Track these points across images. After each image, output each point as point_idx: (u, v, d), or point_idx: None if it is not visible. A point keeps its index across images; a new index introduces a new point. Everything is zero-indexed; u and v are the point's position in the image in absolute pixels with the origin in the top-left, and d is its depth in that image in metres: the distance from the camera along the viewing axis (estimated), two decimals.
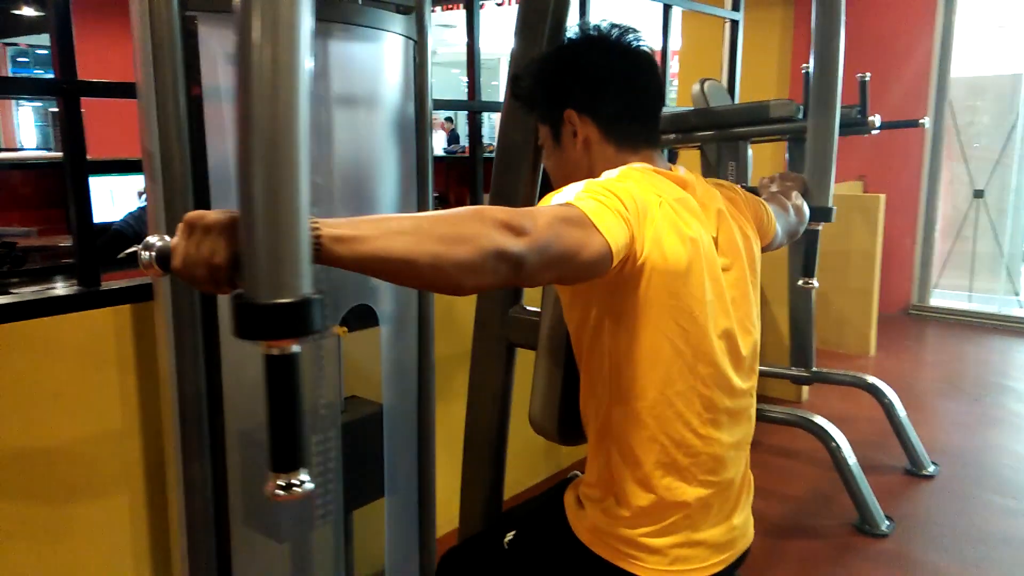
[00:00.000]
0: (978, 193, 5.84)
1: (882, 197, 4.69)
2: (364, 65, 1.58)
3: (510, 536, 1.28)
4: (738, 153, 2.93)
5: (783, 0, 5.75)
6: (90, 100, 1.64)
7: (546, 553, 1.24)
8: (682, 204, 1.09)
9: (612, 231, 0.95)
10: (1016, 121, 5.65)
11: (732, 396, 1.15)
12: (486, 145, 3.24)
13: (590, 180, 1.05)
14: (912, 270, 5.78)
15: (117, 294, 1.62)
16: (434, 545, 1.88)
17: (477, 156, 2.71)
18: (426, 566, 1.86)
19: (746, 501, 1.25)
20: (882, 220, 4.66)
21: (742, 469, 1.23)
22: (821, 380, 3.31)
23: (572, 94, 1.19)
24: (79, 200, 1.59)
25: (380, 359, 1.70)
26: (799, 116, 2.85)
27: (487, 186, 1.99)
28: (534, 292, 1.45)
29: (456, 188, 5.43)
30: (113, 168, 3.31)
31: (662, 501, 1.11)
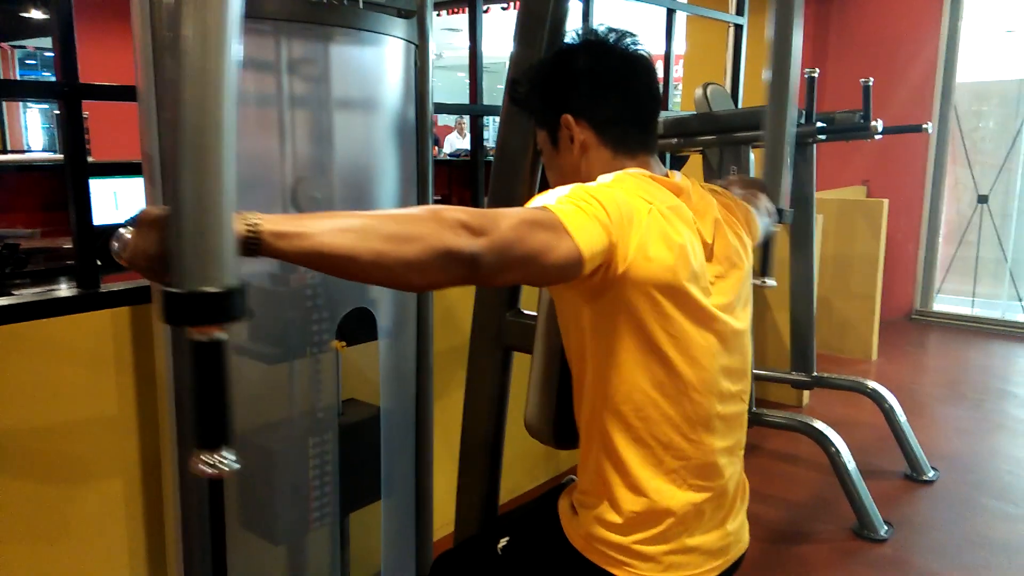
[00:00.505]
0: (982, 198, 5.82)
1: (885, 202, 4.68)
2: (365, 69, 1.59)
3: (504, 542, 1.28)
4: (740, 157, 2.93)
5: None
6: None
7: (540, 560, 1.24)
8: (674, 211, 1.09)
9: (585, 237, 0.96)
10: (1021, 126, 5.64)
11: (723, 401, 1.15)
12: (488, 148, 3.24)
13: (578, 184, 1.05)
14: (915, 275, 5.76)
15: (115, 296, 1.62)
16: (430, 548, 1.88)
17: (479, 159, 2.72)
18: (422, 569, 1.86)
19: (741, 506, 1.25)
20: (885, 225, 4.65)
21: (736, 474, 1.23)
22: (822, 385, 3.31)
23: (569, 99, 1.20)
24: (79, 202, 1.60)
25: (378, 362, 1.70)
26: (801, 121, 2.85)
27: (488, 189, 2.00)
28: (531, 296, 1.46)
29: (459, 191, 5.43)
30: (114, 171, 3.32)
31: (654, 505, 1.11)
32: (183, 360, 1.35)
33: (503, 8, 9.04)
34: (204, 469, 0.78)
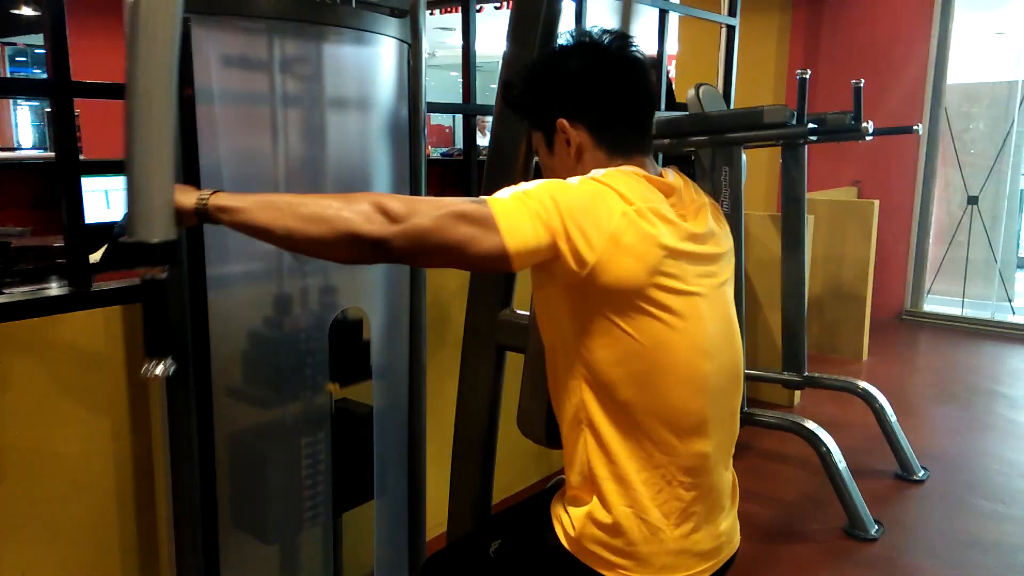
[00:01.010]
0: (972, 199, 5.85)
1: (876, 203, 4.70)
2: (358, 68, 1.59)
3: (496, 545, 1.28)
4: (732, 158, 2.94)
5: (780, 6, 5.77)
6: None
7: (532, 563, 1.23)
8: (656, 214, 1.09)
9: (516, 234, 1.00)
10: (1011, 128, 5.67)
11: (712, 400, 1.15)
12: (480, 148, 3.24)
13: (546, 181, 1.08)
14: (906, 276, 5.79)
15: (107, 295, 1.62)
16: (423, 547, 1.88)
17: (471, 159, 2.71)
18: (415, 568, 1.86)
19: (732, 506, 1.25)
20: (876, 226, 4.67)
21: (727, 474, 1.23)
22: (813, 385, 3.32)
23: (564, 102, 1.20)
24: (70, 201, 1.59)
25: (371, 361, 1.70)
26: (792, 122, 2.85)
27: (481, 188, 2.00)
28: (524, 295, 1.46)
29: (452, 190, 5.43)
30: (106, 169, 3.31)
31: (643, 501, 1.11)
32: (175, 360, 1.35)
33: (496, 7, 9.03)
34: (152, 372, 1.02)
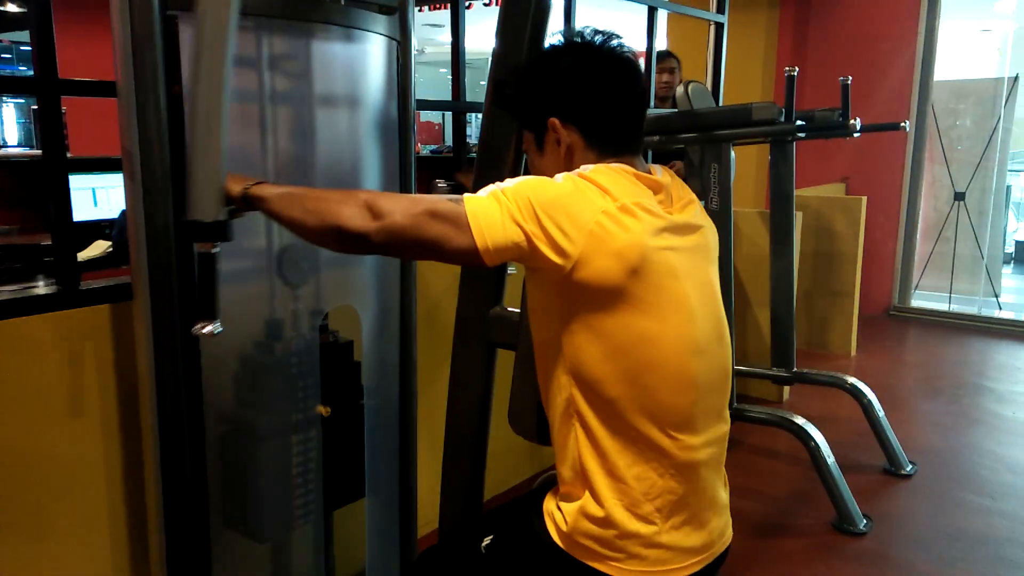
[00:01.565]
0: (959, 196, 5.90)
1: (864, 199, 4.73)
2: (347, 65, 1.58)
3: (487, 541, 1.28)
4: (721, 155, 2.95)
5: (768, 4, 5.79)
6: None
7: (524, 558, 1.24)
8: (642, 204, 1.10)
9: (487, 232, 1.04)
10: (997, 124, 5.72)
11: (700, 395, 1.16)
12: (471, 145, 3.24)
13: (525, 179, 1.10)
14: (893, 272, 5.83)
15: (95, 294, 1.61)
16: (415, 545, 1.88)
17: (461, 156, 2.72)
18: (407, 566, 1.86)
19: (723, 502, 1.26)
20: (864, 222, 4.70)
21: (718, 470, 1.24)
22: (802, 380, 3.34)
23: (555, 103, 1.21)
24: (58, 199, 1.58)
25: (362, 358, 1.70)
26: (781, 119, 2.87)
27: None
28: (515, 292, 1.46)
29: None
30: (93, 167, 3.29)
31: (635, 496, 1.12)
32: (165, 359, 1.35)
33: (485, 4, 9.02)
34: (205, 331, 1.11)
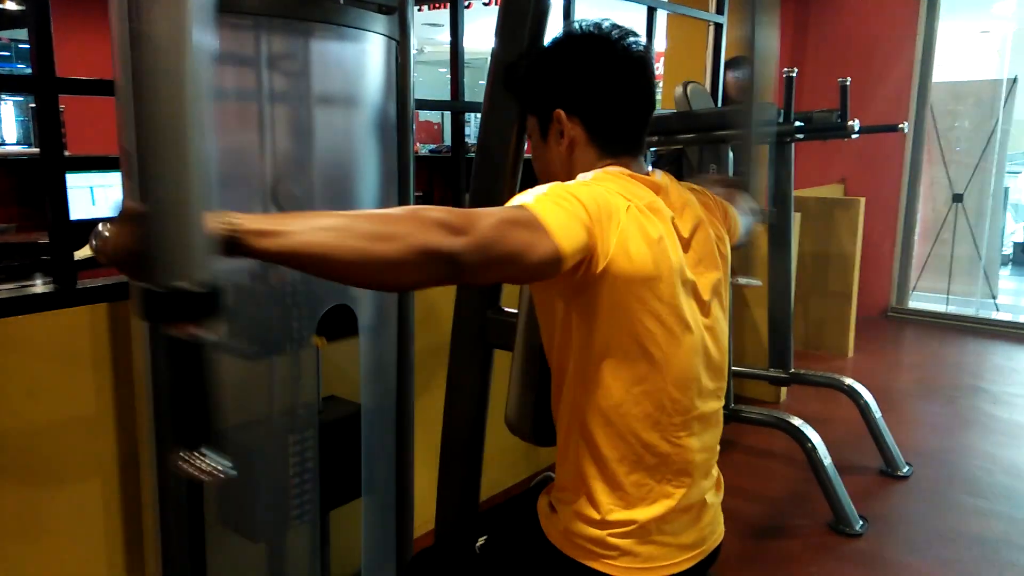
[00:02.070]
0: (957, 197, 5.90)
1: (862, 200, 4.73)
2: (346, 65, 1.58)
3: (482, 541, 1.28)
4: (720, 156, 2.95)
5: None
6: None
7: (518, 557, 1.24)
8: (652, 209, 1.10)
9: (564, 235, 0.96)
10: (996, 126, 5.72)
11: (702, 398, 1.16)
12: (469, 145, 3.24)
13: (556, 184, 1.06)
14: (891, 273, 5.83)
15: (92, 292, 1.61)
16: (411, 545, 1.88)
17: (460, 156, 2.71)
18: (403, 566, 1.86)
19: (716, 499, 1.26)
20: (862, 223, 4.70)
21: (712, 470, 1.25)
22: (799, 381, 3.34)
23: (565, 94, 1.19)
24: (55, 197, 1.58)
25: (359, 359, 1.70)
26: (780, 119, 2.87)
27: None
28: (512, 294, 1.46)
29: (440, 188, 5.42)
30: (91, 165, 3.29)
31: (631, 500, 1.12)
32: (161, 357, 1.34)
33: (485, 3, 9.02)
34: (181, 466, 0.76)
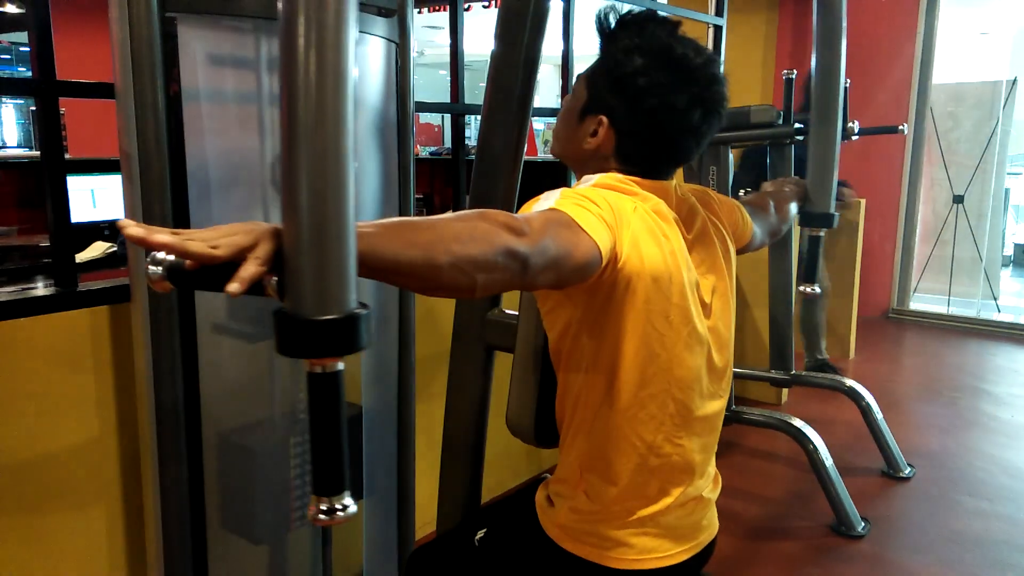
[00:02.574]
0: (958, 198, 5.90)
1: (863, 202, 4.73)
2: None
3: (481, 534, 1.29)
4: (719, 158, 2.95)
5: (767, 6, 5.79)
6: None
7: (516, 550, 1.25)
8: (657, 211, 1.11)
9: (597, 234, 0.97)
10: (996, 127, 5.72)
11: (704, 400, 1.17)
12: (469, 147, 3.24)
13: (565, 189, 1.06)
14: (892, 274, 5.83)
15: (94, 295, 1.61)
16: (412, 547, 1.88)
17: (460, 158, 2.71)
18: (404, 568, 1.86)
19: (711, 496, 1.27)
20: (862, 225, 4.70)
21: (709, 468, 1.26)
22: (800, 383, 3.34)
23: (619, 110, 1.13)
24: (56, 200, 1.58)
25: (360, 360, 1.70)
26: (779, 122, 2.87)
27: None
28: (511, 295, 1.46)
29: (441, 189, 5.43)
30: (92, 168, 3.29)
31: (629, 497, 1.13)
32: (163, 361, 1.35)
33: (484, 6, 9.03)
34: (321, 518, 0.71)
